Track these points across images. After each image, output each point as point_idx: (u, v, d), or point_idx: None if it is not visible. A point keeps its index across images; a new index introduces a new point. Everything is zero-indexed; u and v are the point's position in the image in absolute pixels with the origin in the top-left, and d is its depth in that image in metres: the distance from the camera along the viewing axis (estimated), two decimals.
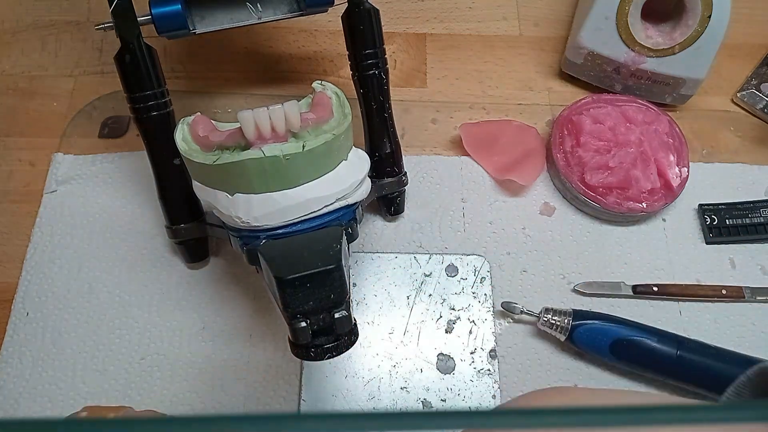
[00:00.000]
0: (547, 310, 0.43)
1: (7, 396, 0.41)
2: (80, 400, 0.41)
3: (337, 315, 0.30)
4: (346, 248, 0.34)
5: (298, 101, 0.33)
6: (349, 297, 0.31)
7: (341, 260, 0.30)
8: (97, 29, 0.39)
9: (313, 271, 0.29)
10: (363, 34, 0.42)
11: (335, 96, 0.35)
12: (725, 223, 0.48)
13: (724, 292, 0.46)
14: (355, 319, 0.32)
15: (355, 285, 0.45)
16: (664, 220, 0.49)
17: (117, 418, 0.14)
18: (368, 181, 0.36)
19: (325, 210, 0.33)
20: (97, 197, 0.47)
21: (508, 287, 0.46)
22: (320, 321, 0.30)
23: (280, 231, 0.32)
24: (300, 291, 0.29)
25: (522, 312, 0.43)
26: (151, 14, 0.38)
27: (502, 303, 0.44)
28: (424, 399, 0.42)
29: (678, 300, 0.46)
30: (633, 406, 0.14)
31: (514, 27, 0.58)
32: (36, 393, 0.41)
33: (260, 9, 0.41)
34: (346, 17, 0.42)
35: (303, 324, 0.29)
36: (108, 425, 0.13)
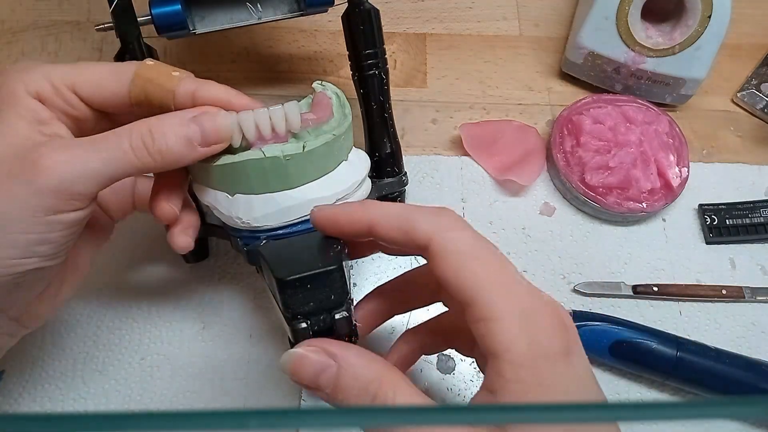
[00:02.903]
0: None
1: (7, 396, 0.41)
2: (80, 400, 0.41)
3: (337, 316, 0.30)
4: (347, 249, 0.33)
5: (298, 101, 0.33)
6: (350, 298, 0.31)
7: (342, 261, 0.30)
8: (97, 30, 0.39)
9: (313, 271, 0.29)
10: (363, 34, 0.42)
11: (335, 96, 0.35)
12: (725, 223, 0.48)
13: (724, 292, 0.46)
14: (356, 320, 0.32)
15: (355, 285, 0.45)
16: (664, 220, 0.49)
17: (115, 413, 0.14)
18: (368, 181, 0.36)
19: None
20: None
21: None
22: (320, 322, 0.30)
23: (280, 231, 0.32)
24: (300, 292, 0.29)
25: None
26: (150, 14, 0.38)
27: None
28: None
29: (678, 300, 0.46)
30: (630, 402, 0.14)
31: (514, 27, 0.58)
32: (36, 393, 0.41)
33: (260, 9, 0.41)
34: (346, 17, 0.42)
35: (303, 325, 0.29)
36: (112, 419, 0.13)
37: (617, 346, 0.41)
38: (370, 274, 0.46)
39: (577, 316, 0.42)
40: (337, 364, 0.26)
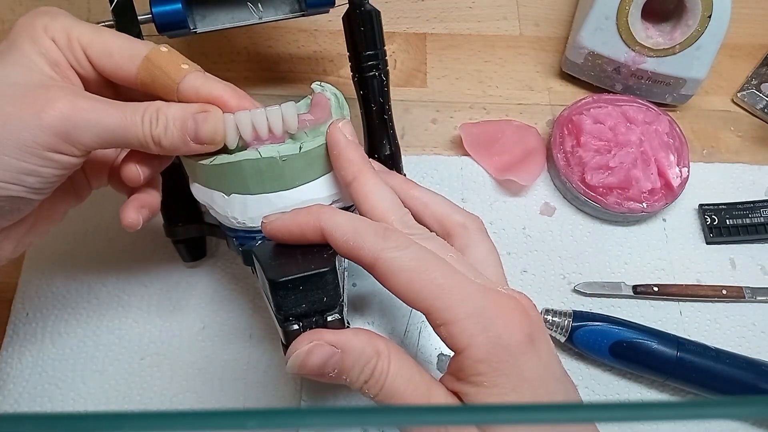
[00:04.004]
0: (547, 311, 0.43)
1: (7, 396, 0.41)
2: (80, 400, 0.41)
3: (329, 318, 0.30)
4: None
5: (297, 102, 0.33)
6: (343, 300, 0.31)
7: (335, 263, 0.30)
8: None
9: (306, 273, 0.29)
10: (364, 35, 0.42)
11: (334, 97, 0.35)
12: (725, 223, 0.48)
13: (724, 292, 0.46)
14: (348, 322, 0.32)
15: (355, 285, 0.45)
16: (664, 220, 0.49)
17: (113, 414, 0.14)
18: None
19: None
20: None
21: None
22: (313, 324, 0.29)
23: None
24: (292, 294, 0.29)
25: None
26: (151, 13, 0.38)
27: None
28: None
29: (678, 300, 0.46)
30: (629, 402, 0.14)
31: (514, 27, 0.58)
32: (36, 393, 0.41)
33: (261, 9, 0.41)
34: (347, 18, 0.42)
35: (295, 326, 0.29)
36: (112, 419, 0.13)
37: (617, 346, 0.41)
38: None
39: (577, 316, 0.42)
40: (340, 351, 0.28)
